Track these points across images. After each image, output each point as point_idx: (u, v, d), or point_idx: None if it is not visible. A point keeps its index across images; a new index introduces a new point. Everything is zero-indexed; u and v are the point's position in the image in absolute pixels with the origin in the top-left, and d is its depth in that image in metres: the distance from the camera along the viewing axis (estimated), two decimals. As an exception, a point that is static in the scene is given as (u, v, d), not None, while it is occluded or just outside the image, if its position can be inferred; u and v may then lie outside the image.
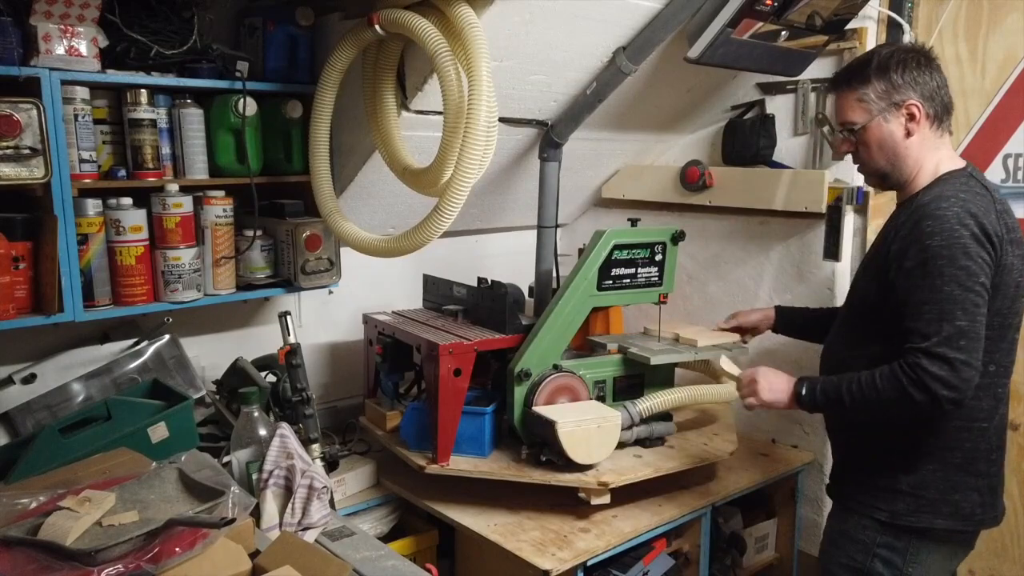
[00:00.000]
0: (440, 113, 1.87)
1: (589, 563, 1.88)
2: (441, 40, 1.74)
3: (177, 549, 1.26)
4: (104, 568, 1.21)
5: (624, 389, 2.19)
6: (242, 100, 1.97)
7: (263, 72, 2.06)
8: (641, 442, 2.13)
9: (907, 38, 2.25)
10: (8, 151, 1.62)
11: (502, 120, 2.19)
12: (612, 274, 2.11)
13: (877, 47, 1.71)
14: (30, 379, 1.94)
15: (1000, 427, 1.67)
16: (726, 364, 2.00)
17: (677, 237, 2.17)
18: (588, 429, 1.93)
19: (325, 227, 2.12)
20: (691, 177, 2.59)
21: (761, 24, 1.96)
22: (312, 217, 2.15)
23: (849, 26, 2.22)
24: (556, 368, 2.07)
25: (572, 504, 1.99)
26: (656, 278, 2.19)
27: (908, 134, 1.65)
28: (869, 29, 2.27)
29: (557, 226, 2.39)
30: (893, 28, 2.26)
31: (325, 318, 2.57)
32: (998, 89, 2.20)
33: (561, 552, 1.84)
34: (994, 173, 2.23)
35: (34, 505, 1.39)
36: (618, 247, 2.09)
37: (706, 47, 1.94)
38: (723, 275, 2.69)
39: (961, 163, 1.66)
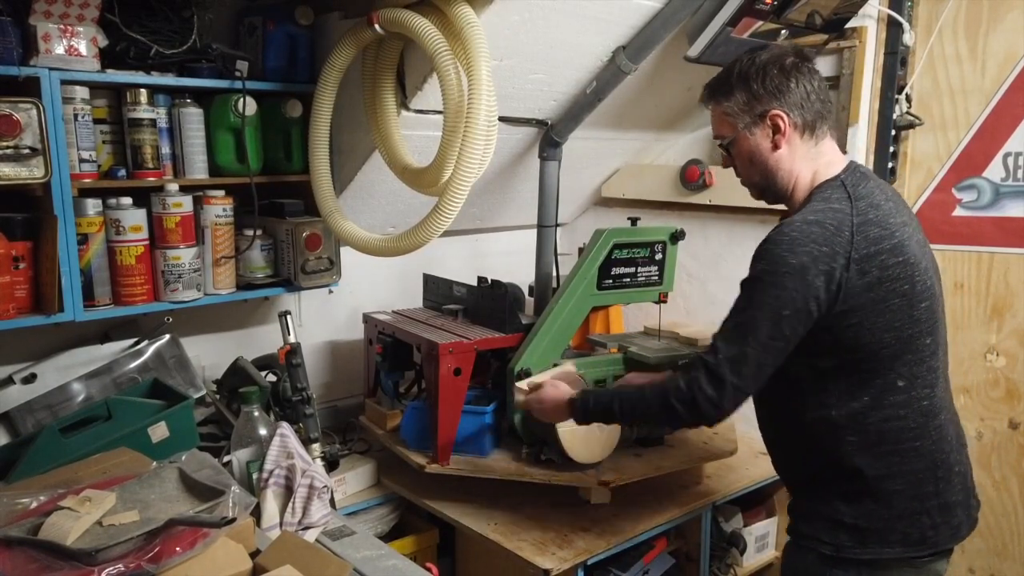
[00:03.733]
0: (440, 112, 1.87)
1: (589, 562, 1.88)
2: (441, 39, 1.74)
3: (177, 549, 1.26)
4: (104, 568, 1.21)
5: None
6: (242, 100, 1.96)
7: (263, 72, 2.06)
8: (641, 441, 2.13)
9: (907, 37, 2.25)
10: (8, 151, 1.62)
11: (502, 119, 2.19)
12: (612, 273, 2.11)
13: (742, 54, 1.59)
14: (30, 379, 1.94)
15: (940, 440, 1.53)
16: (520, 384, 1.91)
17: (677, 236, 2.17)
18: (588, 428, 1.93)
19: (325, 227, 2.12)
20: (691, 176, 2.59)
21: (761, 23, 1.96)
22: (312, 216, 2.15)
23: (849, 25, 2.22)
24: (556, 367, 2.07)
25: (572, 503, 1.99)
26: (656, 277, 2.19)
27: (775, 147, 1.54)
28: (869, 28, 2.27)
29: (557, 225, 2.39)
30: (893, 27, 2.26)
31: (325, 318, 2.57)
32: (998, 88, 2.20)
33: (561, 551, 1.84)
34: (994, 172, 2.23)
35: (34, 505, 1.39)
36: (618, 246, 2.09)
37: (706, 46, 1.94)
38: (723, 274, 2.68)
39: (837, 169, 1.54)
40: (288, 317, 2.05)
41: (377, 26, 1.86)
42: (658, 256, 2.17)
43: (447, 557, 2.26)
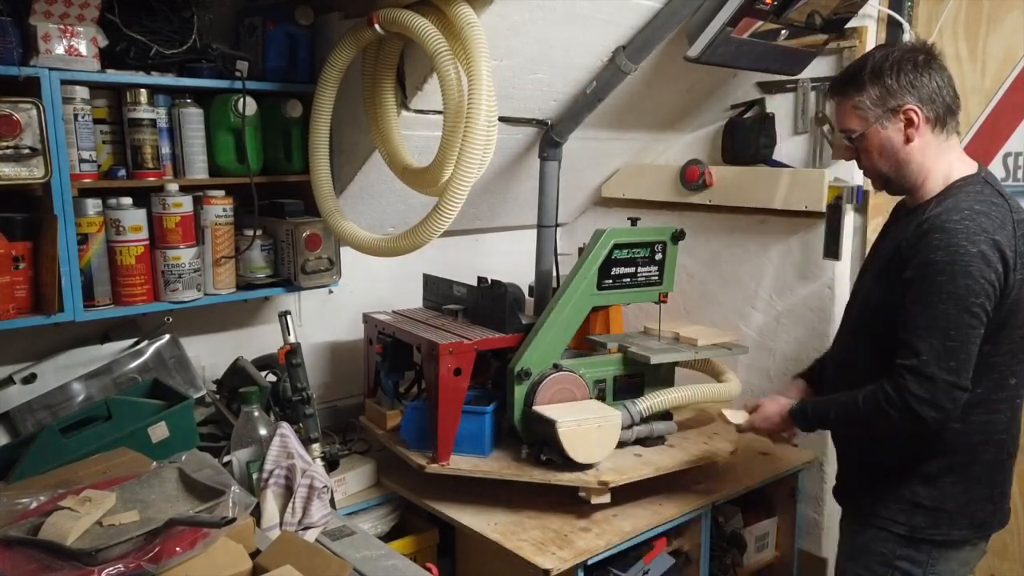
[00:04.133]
0: (440, 112, 1.87)
1: (589, 562, 1.88)
2: (441, 39, 1.74)
3: (177, 549, 1.27)
4: (104, 568, 1.21)
5: (624, 388, 2.18)
6: (242, 100, 1.96)
7: (263, 72, 2.06)
8: (641, 441, 2.13)
9: (907, 37, 2.25)
10: (8, 151, 1.62)
11: (502, 119, 2.19)
12: (612, 273, 2.11)
13: (873, 50, 1.66)
14: (30, 379, 1.94)
15: (1015, 436, 1.65)
16: (729, 415, 1.96)
17: (677, 236, 2.17)
18: (588, 428, 1.93)
19: (325, 227, 2.12)
20: (691, 176, 2.59)
21: (761, 23, 1.96)
22: (312, 216, 2.15)
23: (849, 25, 2.22)
24: (556, 367, 2.07)
25: (572, 503, 1.99)
26: (656, 277, 2.19)
27: (908, 140, 1.59)
28: (869, 28, 2.27)
29: (557, 225, 2.39)
30: (893, 27, 2.26)
31: (325, 318, 2.57)
32: (998, 88, 2.20)
33: (561, 551, 1.84)
34: (994, 172, 2.22)
35: (34, 505, 1.39)
36: (618, 246, 2.09)
37: (706, 46, 1.94)
38: (723, 274, 2.69)
39: (973, 167, 1.61)
40: (288, 317, 2.05)
41: (377, 26, 1.86)
42: (658, 256, 2.17)
43: (447, 557, 2.26)
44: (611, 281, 2.12)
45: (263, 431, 1.76)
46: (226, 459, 1.77)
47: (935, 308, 1.48)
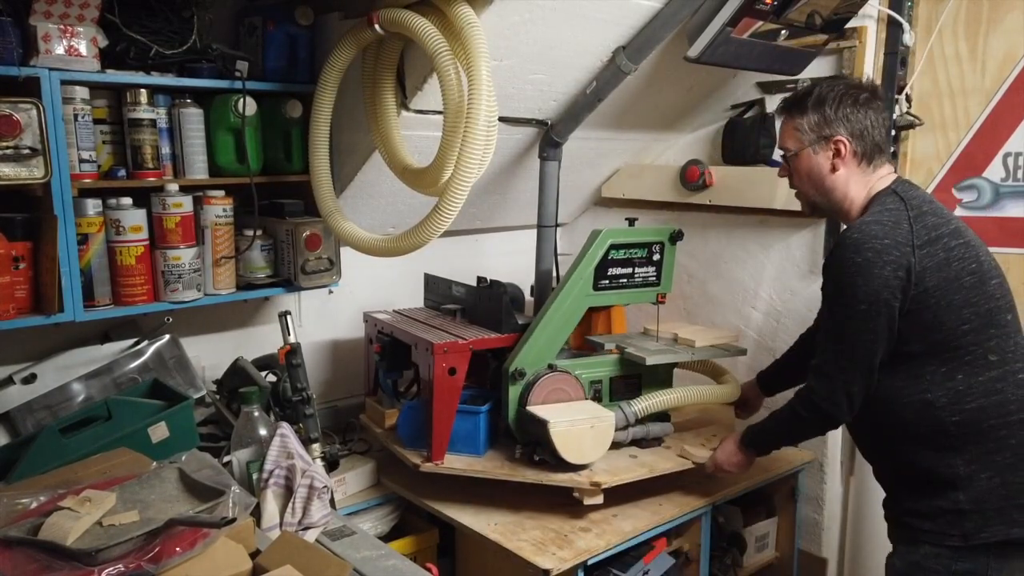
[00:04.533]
0: (440, 113, 1.87)
1: (589, 562, 1.88)
2: (441, 40, 1.74)
3: (177, 549, 1.27)
4: (104, 568, 1.21)
5: (622, 389, 2.18)
6: (242, 100, 1.96)
7: (263, 72, 2.06)
8: (637, 442, 2.13)
9: (907, 37, 2.25)
10: (8, 151, 1.62)
11: (502, 120, 2.19)
12: (609, 274, 2.11)
13: (822, 79, 1.82)
14: (30, 379, 1.94)
15: None
16: (692, 452, 2.07)
17: (675, 237, 2.17)
18: (581, 429, 1.93)
19: (325, 227, 2.12)
20: (691, 176, 2.59)
21: (761, 23, 1.96)
22: (312, 217, 2.15)
23: (849, 25, 2.22)
24: (551, 368, 2.07)
25: (572, 504, 1.99)
26: (654, 278, 2.19)
27: (834, 169, 1.70)
28: (869, 28, 2.27)
29: (557, 225, 2.39)
30: (893, 27, 2.26)
31: (325, 318, 2.57)
32: (998, 88, 2.20)
33: (561, 551, 1.85)
34: (994, 172, 2.23)
35: (34, 505, 1.39)
36: (615, 247, 2.09)
37: (706, 46, 1.94)
38: (723, 274, 2.69)
39: (888, 182, 1.69)
40: (288, 317, 2.05)
41: (377, 26, 1.86)
42: (656, 257, 2.17)
43: (447, 557, 2.26)
44: (607, 281, 2.11)
45: (263, 431, 1.76)
46: (226, 459, 1.77)
47: (832, 316, 1.65)
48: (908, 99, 2.32)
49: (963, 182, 2.29)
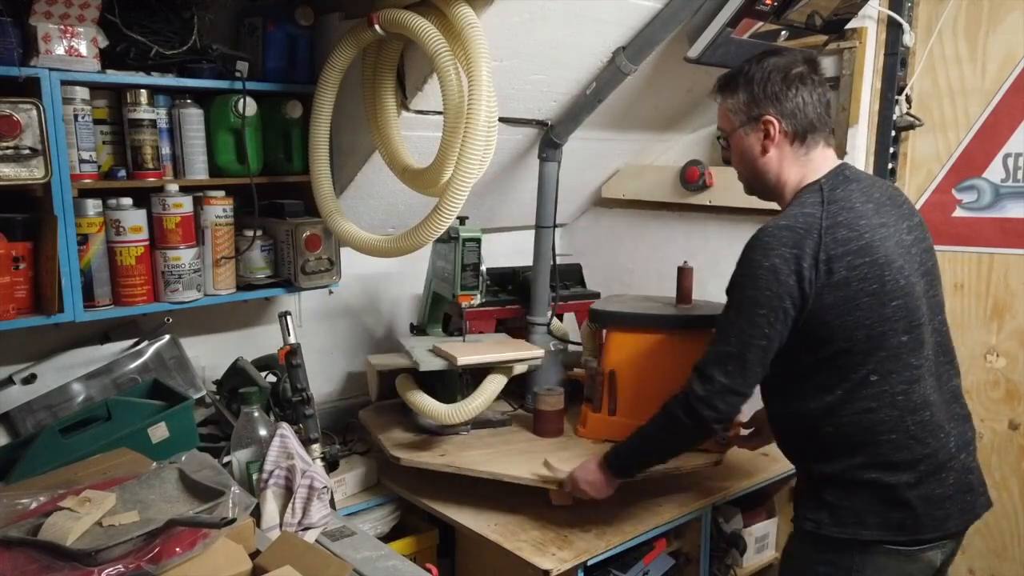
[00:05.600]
0: (440, 113, 1.87)
1: (589, 563, 1.87)
2: (441, 40, 1.74)
3: (177, 549, 1.27)
4: (104, 568, 1.21)
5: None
6: (242, 100, 1.96)
7: (263, 72, 2.06)
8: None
9: (907, 37, 2.25)
10: (8, 151, 1.62)
11: (502, 120, 2.19)
12: None
13: (759, 54, 1.66)
14: (30, 379, 1.94)
15: (924, 435, 1.54)
16: (554, 463, 1.95)
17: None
18: None
19: (325, 227, 2.12)
20: (691, 176, 2.59)
21: (761, 24, 1.96)
22: (312, 217, 2.15)
23: (849, 26, 2.22)
24: None
25: (572, 504, 1.99)
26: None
27: (764, 150, 1.63)
28: (869, 29, 2.27)
29: (556, 226, 2.39)
30: (893, 28, 2.26)
31: (325, 318, 2.57)
32: (998, 88, 2.20)
33: (561, 552, 1.84)
34: (994, 173, 2.23)
35: (34, 505, 1.39)
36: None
37: (706, 47, 1.94)
38: (723, 274, 2.65)
39: (820, 173, 1.60)
40: (288, 317, 2.05)
41: (377, 27, 1.86)
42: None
43: (447, 557, 2.26)
44: None
45: (263, 432, 1.76)
46: (226, 460, 1.77)
47: (726, 315, 1.59)
48: (908, 100, 2.32)
49: (963, 183, 2.29)
